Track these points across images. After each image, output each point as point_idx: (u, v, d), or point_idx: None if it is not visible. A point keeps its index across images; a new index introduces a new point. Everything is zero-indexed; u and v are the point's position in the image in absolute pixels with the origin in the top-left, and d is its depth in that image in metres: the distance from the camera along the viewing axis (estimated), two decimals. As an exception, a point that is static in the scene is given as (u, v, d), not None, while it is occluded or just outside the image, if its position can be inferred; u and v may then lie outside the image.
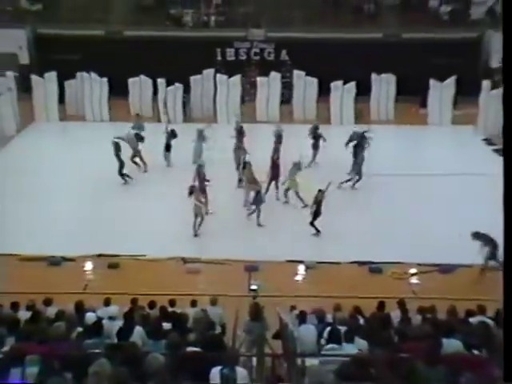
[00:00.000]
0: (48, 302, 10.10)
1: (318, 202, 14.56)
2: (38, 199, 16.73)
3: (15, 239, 14.47)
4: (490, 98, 22.86)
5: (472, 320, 8.70)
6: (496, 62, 26.93)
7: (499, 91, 22.91)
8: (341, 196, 16.59)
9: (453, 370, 5.54)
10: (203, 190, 15.22)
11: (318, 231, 14.69)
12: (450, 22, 27.63)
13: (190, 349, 6.73)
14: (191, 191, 14.58)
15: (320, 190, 14.57)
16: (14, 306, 9.87)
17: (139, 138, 18.54)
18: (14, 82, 23.93)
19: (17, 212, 15.74)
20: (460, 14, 27.93)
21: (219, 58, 26.63)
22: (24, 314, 9.10)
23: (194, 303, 10.40)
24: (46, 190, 17.37)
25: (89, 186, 17.61)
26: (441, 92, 23.58)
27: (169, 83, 23.86)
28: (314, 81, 24.19)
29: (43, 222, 15.26)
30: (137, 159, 18.61)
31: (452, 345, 6.91)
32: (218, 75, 24.28)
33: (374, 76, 24.30)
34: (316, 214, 14.59)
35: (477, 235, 13.16)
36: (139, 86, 24.62)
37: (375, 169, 18.50)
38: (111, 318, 8.78)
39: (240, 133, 18.58)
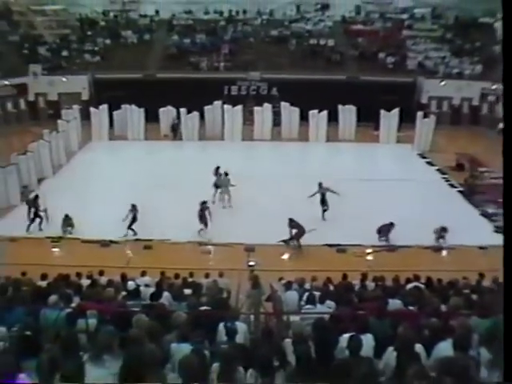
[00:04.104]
0: (101, 273, 10.20)
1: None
2: (94, 197, 16.71)
3: (78, 227, 14.50)
4: (422, 124, 23.07)
5: (409, 285, 8.75)
6: (425, 99, 27.24)
7: (429, 119, 23.06)
8: (314, 198, 16.50)
9: (395, 322, 5.58)
10: None
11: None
12: (393, 69, 27.86)
13: (203, 308, 6.76)
14: None
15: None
16: (78, 275, 10.02)
17: None
18: (78, 112, 24.03)
19: (79, 206, 15.73)
20: (400, 64, 28.20)
21: (226, 93, 26.66)
22: (85, 281, 9.20)
23: (206, 275, 10.44)
24: (100, 190, 17.34)
25: (130, 186, 17.52)
26: (388, 119, 23.58)
27: (189, 112, 23.75)
28: (297, 110, 24.16)
29: (97, 215, 15.16)
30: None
31: (395, 303, 6.95)
32: (225, 106, 24.17)
33: (340, 107, 24.24)
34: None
35: (291, 220, 13.57)
36: (167, 114, 24.55)
37: (340, 174, 18.50)
38: (146, 286, 8.80)
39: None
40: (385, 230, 13.92)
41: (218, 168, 16.97)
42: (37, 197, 14.94)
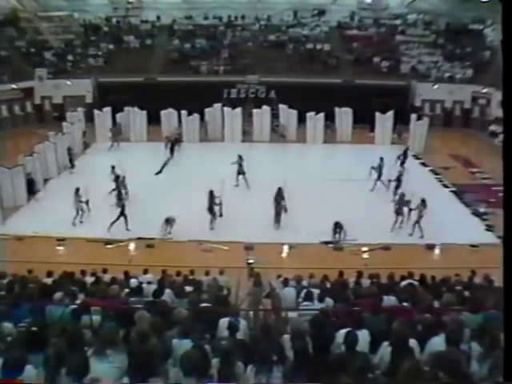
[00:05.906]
0: (105, 271, 10.14)
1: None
2: (97, 197, 16.57)
3: (83, 226, 14.51)
4: (416, 126, 23.07)
5: (403, 282, 8.74)
6: (419, 102, 27.27)
7: (422, 122, 23.06)
8: (311, 198, 16.49)
9: (389, 318, 5.58)
10: None
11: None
12: (387, 73, 27.88)
13: (204, 305, 6.74)
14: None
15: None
16: (83, 272, 10.00)
17: None
18: (83, 115, 23.97)
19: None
20: (394, 68, 28.25)
21: (225, 95, 26.57)
22: (89, 279, 9.17)
23: (207, 273, 10.39)
24: (103, 190, 17.21)
25: (132, 185, 17.46)
26: (383, 121, 23.57)
27: (189, 114, 23.70)
28: (294, 112, 24.10)
29: (102, 214, 15.04)
30: None
31: (390, 300, 6.92)
32: (225, 108, 24.13)
33: (336, 109, 24.22)
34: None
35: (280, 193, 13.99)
36: (168, 116, 24.47)
37: (336, 175, 18.49)
38: (148, 283, 8.74)
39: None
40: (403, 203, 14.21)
41: (240, 156, 17.79)
42: (78, 190, 15.17)
